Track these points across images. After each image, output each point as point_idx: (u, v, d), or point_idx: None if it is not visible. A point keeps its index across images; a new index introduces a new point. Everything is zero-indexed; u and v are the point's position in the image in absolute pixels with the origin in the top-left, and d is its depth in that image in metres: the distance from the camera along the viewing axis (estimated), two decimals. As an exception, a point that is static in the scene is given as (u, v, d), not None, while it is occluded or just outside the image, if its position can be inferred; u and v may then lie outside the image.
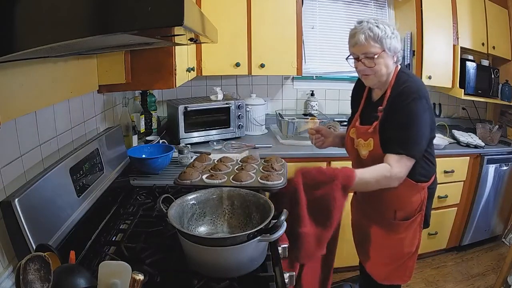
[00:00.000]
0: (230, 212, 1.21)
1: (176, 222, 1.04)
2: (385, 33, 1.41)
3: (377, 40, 1.41)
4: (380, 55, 1.43)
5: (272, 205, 1.08)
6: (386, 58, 1.44)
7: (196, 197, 1.19)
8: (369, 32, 1.41)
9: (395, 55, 1.46)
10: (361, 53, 1.46)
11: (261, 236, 0.98)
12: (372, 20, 1.44)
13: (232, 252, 0.96)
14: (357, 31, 1.44)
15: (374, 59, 1.43)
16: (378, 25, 1.41)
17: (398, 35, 1.46)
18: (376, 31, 1.40)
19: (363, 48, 1.44)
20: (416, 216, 1.55)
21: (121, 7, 0.58)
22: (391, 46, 1.43)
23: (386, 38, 1.41)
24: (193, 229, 1.16)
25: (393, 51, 1.45)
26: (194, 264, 1.03)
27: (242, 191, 1.21)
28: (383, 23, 1.44)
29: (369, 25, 1.41)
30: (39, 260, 0.80)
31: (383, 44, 1.42)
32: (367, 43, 1.42)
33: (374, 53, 1.43)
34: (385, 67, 1.46)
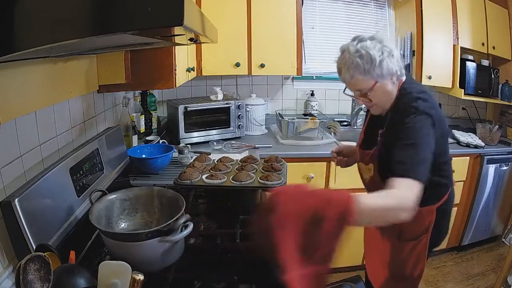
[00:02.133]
0: (160, 210, 1.22)
1: (95, 215, 1.07)
2: (372, 62, 1.20)
3: (365, 73, 1.22)
4: (374, 88, 1.25)
5: (181, 208, 1.06)
6: (382, 87, 1.26)
7: (128, 194, 1.21)
8: (353, 67, 1.22)
9: (393, 76, 1.26)
10: (354, 90, 1.32)
11: (161, 236, 0.98)
12: (356, 45, 1.23)
13: (137, 248, 0.98)
14: (341, 66, 1.28)
15: (368, 94, 1.27)
16: (361, 53, 1.21)
17: (393, 49, 1.24)
18: (361, 63, 1.21)
19: (353, 85, 1.29)
20: (421, 238, 1.40)
21: (121, 7, 0.58)
22: (383, 72, 1.22)
23: (375, 67, 1.21)
24: (119, 224, 1.18)
25: (389, 75, 1.24)
26: (111, 253, 1.08)
27: (170, 192, 1.21)
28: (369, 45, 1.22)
29: (351, 58, 1.22)
30: (39, 260, 0.80)
31: (373, 75, 1.22)
32: (355, 80, 1.25)
33: (366, 89, 1.26)
34: (384, 95, 1.29)
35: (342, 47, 1.29)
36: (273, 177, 1.39)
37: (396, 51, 1.26)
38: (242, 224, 1.39)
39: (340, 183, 2.41)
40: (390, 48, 1.24)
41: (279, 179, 1.40)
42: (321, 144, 2.49)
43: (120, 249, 1.00)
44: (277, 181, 1.39)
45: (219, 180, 1.40)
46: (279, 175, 1.43)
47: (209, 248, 1.20)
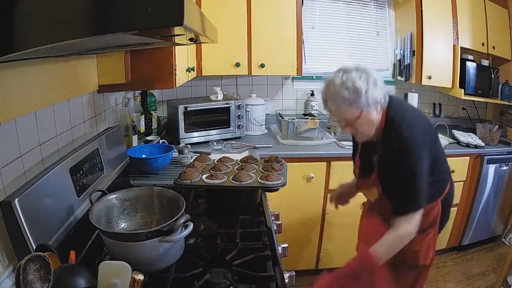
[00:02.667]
0: (160, 210, 1.22)
1: (95, 214, 1.07)
2: (358, 92, 1.25)
3: (351, 104, 1.27)
4: (360, 117, 1.30)
5: (181, 208, 1.07)
6: (367, 116, 1.31)
7: (127, 194, 1.21)
8: (340, 99, 1.27)
9: (377, 105, 1.30)
10: (340, 120, 1.36)
11: (161, 236, 0.98)
12: (341, 77, 1.27)
13: (137, 248, 0.98)
14: (327, 98, 1.32)
15: (354, 124, 1.33)
16: (347, 86, 1.25)
17: (377, 79, 1.28)
18: (346, 95, 1.25)
19: (339, 116, 1.34)
20: (430, 229, 1.50)
21: (121, 7, 0.58)
22: (368, 102, 1.27)
23: (361, 97, 1.25)
24: (119, 224, 1.18)
25: (374, 104, 1.29)
26: (110, 253, 1.08)
27: (169, 192, 1.21)
28: (354, 76, 1.26)
29: (337, 90, 1.26)
30: (39, 260, 0.80)
31: (359, 105, 1.27)
32: (341, 111, 1.30)
33: (352, 118, 1.31)
34: (370, 124, 1.34)
35: (328, 79, 1.33)
36: (273, 177, 1.39)
37: (380, 80, 1.31)
38: (242, 224, 1.39)
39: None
40: (374, 77, 1.28)
41: (279, 179, 1.40)
42: (321, 144, 2.49)
43: (120, 249, 1.00)
44: (277, 181, 1.39)
45: (219, 180, 1.40)
46: (279, 175, 1.43)
47: (209, 248, 1.20)
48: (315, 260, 2.58)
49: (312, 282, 1.30)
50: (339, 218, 2.47)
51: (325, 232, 2.51)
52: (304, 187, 2.38)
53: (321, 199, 2.44)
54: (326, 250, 2.55)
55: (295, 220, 2.42)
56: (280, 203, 1.92)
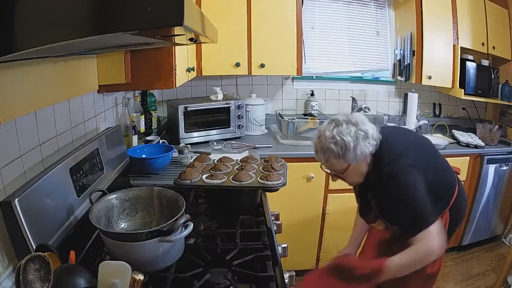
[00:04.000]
0: (160, 210, 1.22)
1: (95, 214, 1.07)
2: (346, 148, 1.25)
3: (339, 158, 1.28)
4: (348, 169, 1.32)
5: (181, 208, 1.07)
6: (356, 168, 1.32)
7: (127, 194, 1.21)
8: (328, 152, 1.28)
9: (367, 157, 1.31)
10: (329, 170, 1.38)
11: (161, 236, 0.98)
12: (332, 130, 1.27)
13: (137, 248, 0.98)
14: (317, 149, 1.33)
15: (342, 174, 1.35)
16: (336, 140, 1.25)
17: (368, 131, 1.28)
18: (335, 149, 1.26)
19: (328, 166, 1.35)
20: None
21: (121, 7, 0.58)
22: (356, 156, 1.28)
23: (349, 152, 1.26)
24: (119, 224, 1.18)
25: (362, 157, 1.30)
26: (110, 253, 1.08)
27: (169, 192, 1.21)
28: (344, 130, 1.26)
29: (326, 143, 1.27)
30: (39, 260, 0.80)
31: (346, 159, 1.28)
32: (329, 163, 1.32)
33: (340, 170, 1.33)
34: (358, 174, 1.36)
35: (319, 130, 1.34)
36: (273, 177, 1.39)
37: (371, 130, 1.30)
38: (242, 224, 1.39)
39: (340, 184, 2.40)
40: (365, 130, 1.28)
41: (279, 179, 1.40)
42: (321, 144, 2.48)
43: (120, 249, 1.00)
44: (277, 181, 1.39)
45: (219, 180, 1.40)
46: (279, 175, 1.43)
47: (209, 248, 1.20)
48: (315, 260, 2.59)
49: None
50: (339, 218, 2.47)
51: (325, 232, 2.51)
52: (304, 187, 2.38)
53: (321, 199, 2.44)
54: (326, 250, 2.55)
55: (295, 220, 2.42)
56: (280, 203, 1.92)
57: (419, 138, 1.54)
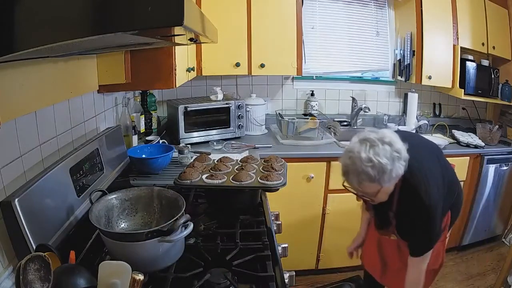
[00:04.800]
0: (160, 210, 1.22)
1: (95, 214, 1.07)
2: (383, 171, 1.18)
3: (374, 181, 1.20)
4: (379, 191, 1.26)
5: (181, 208, 1.07)
6: (386, 189, 1.27)
7: (127, 194, 1.21)
8: (363, 176, 1.20)
9: (398, 177, 1.25)
10: (359, 193, 1.32)
11: (161, 236, 0.98)
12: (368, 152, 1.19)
13: (137, 248, 0.98)
14: (349, 170, 1.24)
15: (372, 197, 1.30)
16: (373, 165, 1.17)
17: (401, 151, 1.21)
18: (371, 173, 1.18)
19: (359, 190, 1.29)
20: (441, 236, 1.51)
21: (121, 7, 0.58)
22: (391, 179, 1.21)
23: (385, 175, 1.19)
24: (119, 224, 1.18)
25: (395, 179, 1.24)
26: (110, 253, 1.08)
27: (169, 192, 1.21)
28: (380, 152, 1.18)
29: (362, 166, 1.18)
30: (39, 260, 0.80)
31: (381, 183, 1.21)
32: (360, 186, 1.25)
33: (372, 193, 1.27)
34: (386, 195, 1.30)
35: (351, 151, 1.23)
36: (273, 177, 1.39)
37: (403, 150, 1.23)
38: (242, 224, 1.39)
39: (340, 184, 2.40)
40: (399, 150, 1.21)
41: (279, 179, 1.40)
42: (321, 144, 2.49)
43: (120, 249, 1.00)
44: (277, 181, 1.39)
45: (219, 180, 1.40)
46: (279, 175, 1.43)
47: (209, 248, 1.20)
48: (315, 260, 2.58)
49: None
50: (339, 218, 2.47)
51: (325, 232, 2.51)
52: (304, 187, 2.38)
53: (321, 199, 2.44)
54: (326, 250, 2.55)
55: (295, 220, 2.42)
56: (280, 203, 1.92)
57: (430, 147, 1.54)
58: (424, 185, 1.29)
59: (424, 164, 1.36)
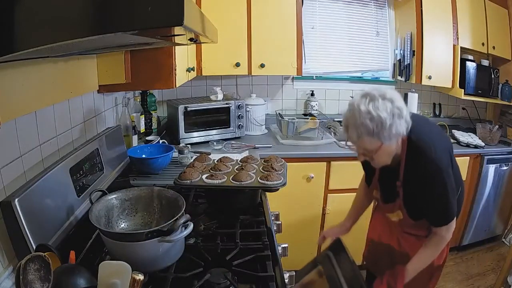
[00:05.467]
0: (160, 210, 1.22)
1: (95, 214, 1.06)
2: (382, 125, 1.17)
3: (373, 135, 1.20)
4: (380, 149, 1.24)
5: (181, 208, 1.07)
6: (388, 148, 1.25)
7: (127, 194, 1.21)
8: (362, 128, 1.19)
9: (400, 137, 1.24)
10: (358, 149, 1.30)
11: (161, 236, 0.98)
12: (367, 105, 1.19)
13: (137, 248, 0.98)
14: (349, 124, 1.24)
15: (372, 154, 1.27)
16: (372, 115, 1.17)
17: (402, 110, 1.20)
18: (370, 126, 1.18)
19: (358, 145, 1.28)
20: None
21: (121, 7, 0.58)
22: (391, 135, 1.20)
23: (384, 131, 1.18)
24: (119, 224, 1.18)
25: (396, 137, 1.22)
26: (110, 253, 1.08)
27: (169, 192, 1.21)
28: (380, 106, 1.18)
29: (361, 118, 1.18)
30: (39, 260, 0.80)
31: (380, 138, 1.20)
32: (361, 140, 1.23)
33: (371, 150, 1.25)
34: (388, 155, 1.29)
35: (352, 104, 1.24)
36: (273, 177, 1.39)
37: (405, 110, 1.23)
38: (242, 224, 1.39)
39: (340, 184, 2.41)
40: (400, 108, 1.21)
41: (279, 179, 1.40)
42: (321, 144, 2.49)
43: (120, 249, 1.00)
44: (277, 181, 1.39)
45: (219, 180, 1.40)
46: (279, 175, 1.43)
47: (209, 248, 1.20)
48: (315, 260, 2.58)
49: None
50: (339, 218, 2.47)
51: (325, 232, 2.51)
52: (304, 187, 2.38)
53: (321, 199, 2.44)
54: (326, 250, 2.55)
55: (295, 220, 2.42)
56: (280, 203, 1.92)
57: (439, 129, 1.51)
58: (433, 148, 1.27)
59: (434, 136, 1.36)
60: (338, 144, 2.49)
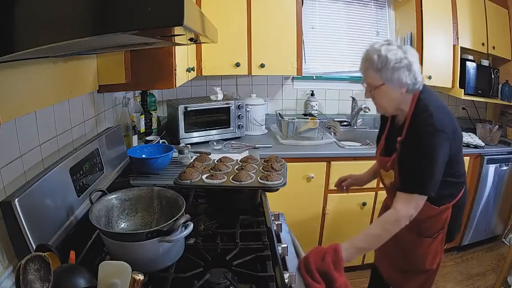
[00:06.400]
0: (160, 210, 1.22)
1: (95, 214, 1.06)
2: (386, 64, 1.28)
3: (376, 71, 1.31)
4: (380, 88, 1.33)
5: (181, 208, 1.07)
6: (388, 91, 1.34)
7: (127, 194, 1.21)
8: (368, 62, 1.32)
9: (403, 87, 1.32)
10: (365, 82, 1.41)
11: (161, 236, 0.98)
12: (381, 45, 1.31)
13: (137, 248, 0.98)
14: (362, 58, 1.37)
15: (373, 90, 1.36)
16: (380, 53, 1.29)
17: (413, 63, 1.30)
18: (376, 61, 1.29)
19: (364, 77, 1.39)
20: (438, 234, 1.50)
21: (121, 7, 0.58)
22: (392, 78, 1.30)
23: (387, 70, 1.28)
24: (119, 224, 1.18)
25: (397, 83, 1.31)
26: (110, 253, 1.08)
27: (169, 192, 1.20)
28: (391, 50, 1.29)
29: (371, 53, 1.31)
30: (39, 260, 0.80)
31: (382, 75, 1.30)
32: (366, 73, 1.36)
33: (373, 85, 1.35)
34: (388, 100, 1.37)
35: (372, 43, 1.37)
36: (273, 177, 1.39)
37: (416, 65, 1.32)
38: (242, 224, 1.39)
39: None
40: (411, 61, 1.30)
41: (279, 179, 1.40)
42: (321, 144, 2.49)
43: (120, 249, 1.00)
44: (277, 181, 1.38)
45: (219, 180, 1.40)
46: (279, 175, 1.42)
47: (209, 248, 1.20)
48: (315, 260, 2.58)
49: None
50: (339, 218, 2.47)
51: (325, 232, 2.51)
52: (304, 187, 2.38)
53: (321, 199, 2.44)
54: (326, 250, 2.55)
55: (295, 220, 2.42)
56: (280, 203, 1.92)
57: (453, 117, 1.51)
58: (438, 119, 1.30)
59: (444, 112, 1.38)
60: (338, 144, 2.49)
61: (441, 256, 1.55)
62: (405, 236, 1.51)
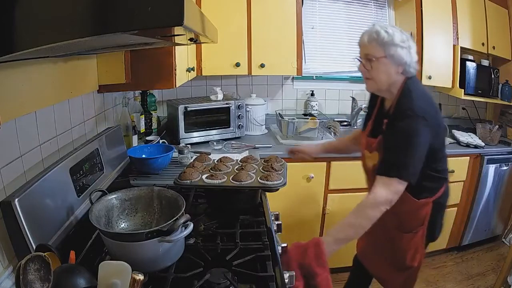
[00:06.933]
0: (160, 210, 1.22)
1: (95, 214, 1.06)
2: (392, 39, 1.36)
3: (381, 44, 1.37)
4: (380, 60, 1.39)
5: (181, 208, 1.07)
6: (387, 65, 1.39)
7: (127, 194, 1.20)
8: (374, 34, 1.38)
9: (400, 66, 1.39)
10: (363, 54, 1.45)
11: (161, 236, 0.98)
12: (387, 26, 1.41)
13: (137, 248, 0.98)
14: (366, 31, 1.43)
15: (372, 62, 1.40)
16: (387, 30, 1.37)
17: (412, 48, 1.39)
18: (383, 35, 1.37)
19: (365, 48, 1.43)
20: (418, 230, 1.50)
21: (121, 7, 0.58)
22: (395, 54, 1.37)
23: (391, 45, 1.36)
24: (119, 224, 1.18)
25: (397, 60, 1.38)
26: (110, 253, 1.08)
27: (169, 192, 1.20)
28: (396, 30, 1.39)
29: (376, 28, 1.39)
30: (39, 260, 0.80)
31: (385, 49, 1.37)
32: (369, 44, 1.40)
33: (373, 56, 1.39)
34: (384, 75, 1.41)
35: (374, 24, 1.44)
36: (273, 177, 1.39)
37: (415, 51, 1.41)
38: (242, 224, 1.39)
39: (340, 184, 2.41)
40: (411, 46, 1.39)
41: (279, 179, 1.40)
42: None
43: (120, 249, 1.00)
44: (277, 181, 1.39)
45: (219, 180, 1.40)
46: (279, 175, 1.43)
47: (209, 248, 1.20)
48: (315, 260, 2.58)
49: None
50: (339, 218, 2.46)
51: (325, 232, 2.51)
52: (304, 187, 2.38)
53: (321, 199, 2.44)
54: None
55: (295, 220, 2.42)
56: (280, 203, 1.92)
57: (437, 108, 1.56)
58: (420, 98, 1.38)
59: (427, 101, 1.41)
60: (338, 144, 2.48)
61: (422, 253, 1.55)
62: (386, 230, 1.53)
